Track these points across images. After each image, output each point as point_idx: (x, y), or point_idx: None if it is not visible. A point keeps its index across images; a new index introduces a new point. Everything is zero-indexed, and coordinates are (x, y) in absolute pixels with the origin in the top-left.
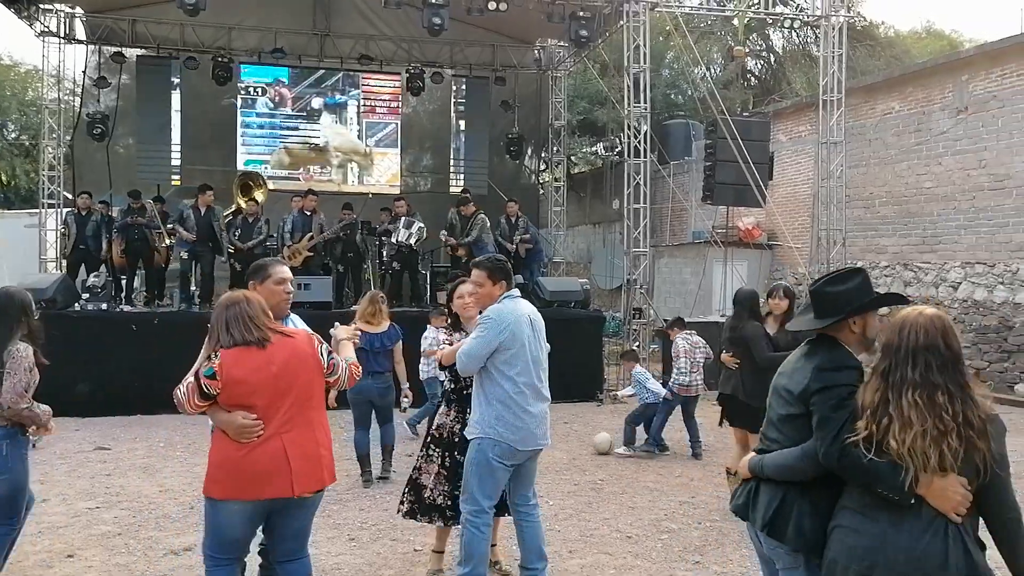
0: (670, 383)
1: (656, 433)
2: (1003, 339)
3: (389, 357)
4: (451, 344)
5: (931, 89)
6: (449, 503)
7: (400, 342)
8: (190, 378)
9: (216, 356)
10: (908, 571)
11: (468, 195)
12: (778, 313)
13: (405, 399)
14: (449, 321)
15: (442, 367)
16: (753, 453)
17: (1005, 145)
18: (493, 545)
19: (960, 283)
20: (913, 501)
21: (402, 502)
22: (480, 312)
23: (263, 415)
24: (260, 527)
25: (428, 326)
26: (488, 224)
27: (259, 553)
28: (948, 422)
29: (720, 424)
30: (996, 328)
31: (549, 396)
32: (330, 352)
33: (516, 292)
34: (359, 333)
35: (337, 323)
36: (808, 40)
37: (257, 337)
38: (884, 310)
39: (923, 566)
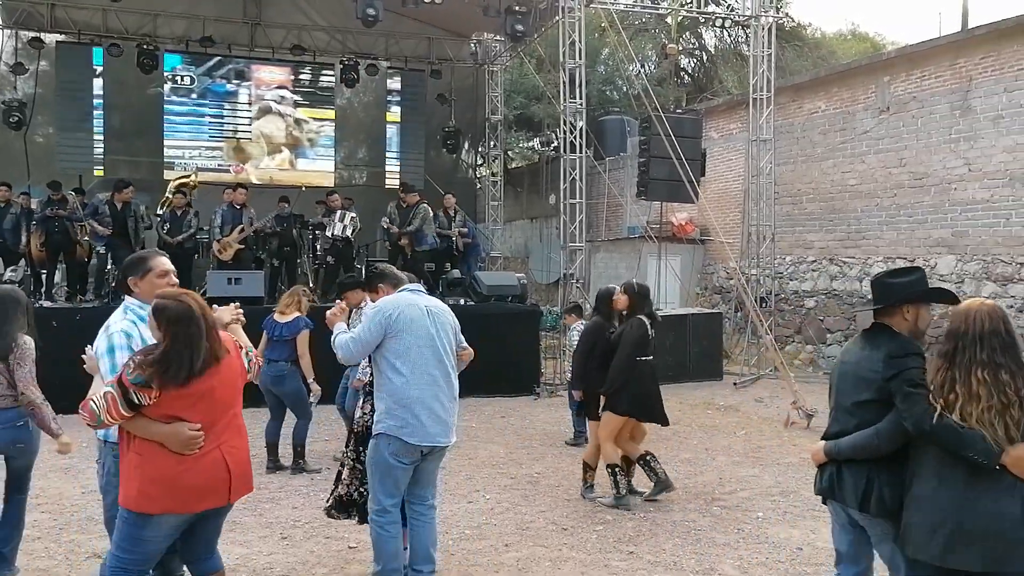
0: (568, 376)
1: (577, 425)
2: None
3: (290, 347)
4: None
5: (855, 89)
6: (365, 499)
7: (304, 333)
8: (106, 388)
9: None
10: (989, 526)
11: (406, 185)
12: (618, 309)
13: (312, 396)
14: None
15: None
16: (822, 441)
17: (924, 145)
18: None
19: None
20: (997, 468)
21: (327, 499)
22: None
23: (203, 427)
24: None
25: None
26: (431, 215)
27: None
28: (1011, 396)
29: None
30: None
31: (455, 393)
32: (248, 353)
33: (417, 287)
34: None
35: (215, 305)
36: (739, 40)
37: (203, 364)
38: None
39: (1003, 522)
